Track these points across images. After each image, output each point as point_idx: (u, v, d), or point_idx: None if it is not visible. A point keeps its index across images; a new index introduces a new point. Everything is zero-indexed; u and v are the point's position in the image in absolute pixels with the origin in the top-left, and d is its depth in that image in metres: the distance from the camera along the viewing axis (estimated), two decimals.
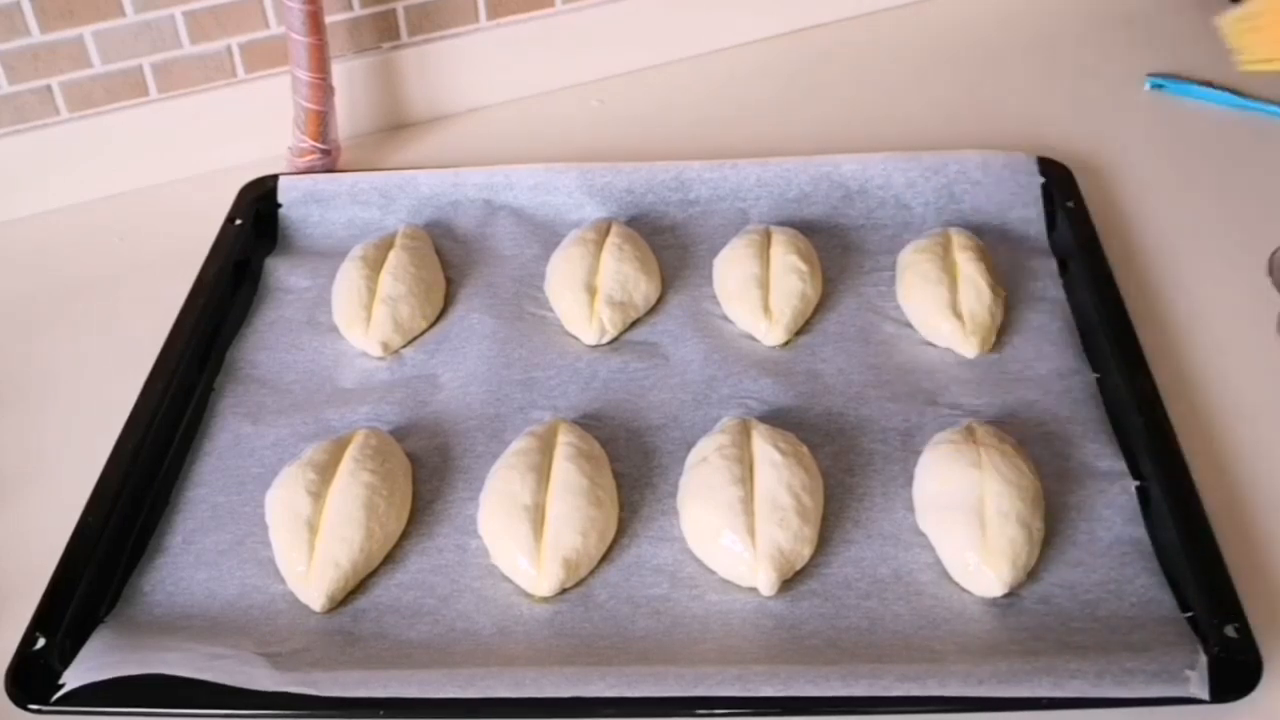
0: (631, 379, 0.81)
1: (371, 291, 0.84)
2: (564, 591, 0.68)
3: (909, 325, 0.83)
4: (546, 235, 0.91)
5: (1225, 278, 0.87)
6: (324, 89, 0.96)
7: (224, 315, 0.86)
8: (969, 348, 0.80)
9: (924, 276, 0.83)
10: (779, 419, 0.76)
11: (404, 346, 0.84)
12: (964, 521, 0.67)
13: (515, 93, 1.09)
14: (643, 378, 0.81)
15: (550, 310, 0.86)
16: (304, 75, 0.95)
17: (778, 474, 0.69)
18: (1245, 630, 0.62)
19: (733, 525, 0.68)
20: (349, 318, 0.84)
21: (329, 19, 0.97)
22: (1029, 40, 1.13)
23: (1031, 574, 0.67)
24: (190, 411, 0.80)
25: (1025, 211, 0.91)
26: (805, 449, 0.72)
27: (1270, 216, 0.91)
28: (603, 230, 0.88)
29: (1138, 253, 0.89)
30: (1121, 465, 0.73)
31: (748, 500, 0.69)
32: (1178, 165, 0.98)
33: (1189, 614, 0.64)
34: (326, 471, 0.71)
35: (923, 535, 0.70)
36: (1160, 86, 1.05)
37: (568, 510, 0.69)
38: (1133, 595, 0.66)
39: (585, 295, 0.84)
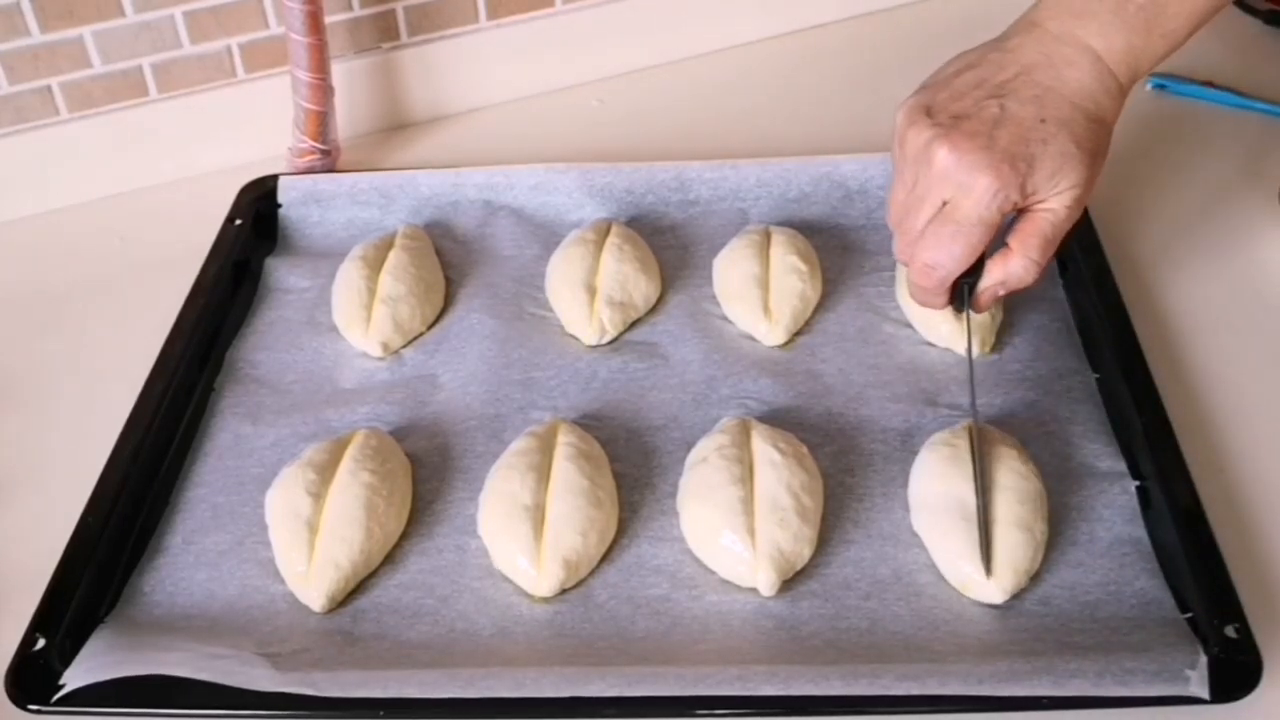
0: (631, 379, 0.81)
1: (371, 292, 0.84)
2: (564, 592, 0.68)
3: (909, 325, 0.83)
4: (546, 235, 0.91)
5: (1225, 278, 0.87)
6: (324, 89, 0.96)
7: (224, 315, 0.86)
8: None
9: None
10: (779, 419, 0.76)
11: (404, 347, 0.84)
12: (961, 528, 0.67)
13: (515, 93, 1.09)
14: (643, 378, 0.81)
15: (550, 310, 0.86)
16: (304, 75, 0.95)
17: (778, 474, 0.69)
18: (1245, 630, 0.62)
19: (733, 525, 0.68)
20: (349, 318, 0.84)
21: (329, 19, 0.97)
22: None
23: (1031, 575, 0.67)
24: (190, 411, 0.80)
25: None
26: (805, 449, 0.72)
27: (1272, 216, 0.91)
28: (603, 230, 0.88)
29: (1138, 252, 0.89)
30: (1121, 465, 0.73)
31: (748, 500, 0.68)
32: (1179, 165, 0.98)
33: (1189, 614, 0.64)
34: (326, 472, 0.71)
35: (920, 536, 0.70)
36: (1162, 86, 1.05)
37: (568, 510, 0.69)
38: (1133, 596, 0.66)
39: (585, 295, 0.84)
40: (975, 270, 0.71)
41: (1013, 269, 0.70)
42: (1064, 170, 0.67)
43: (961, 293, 0.73)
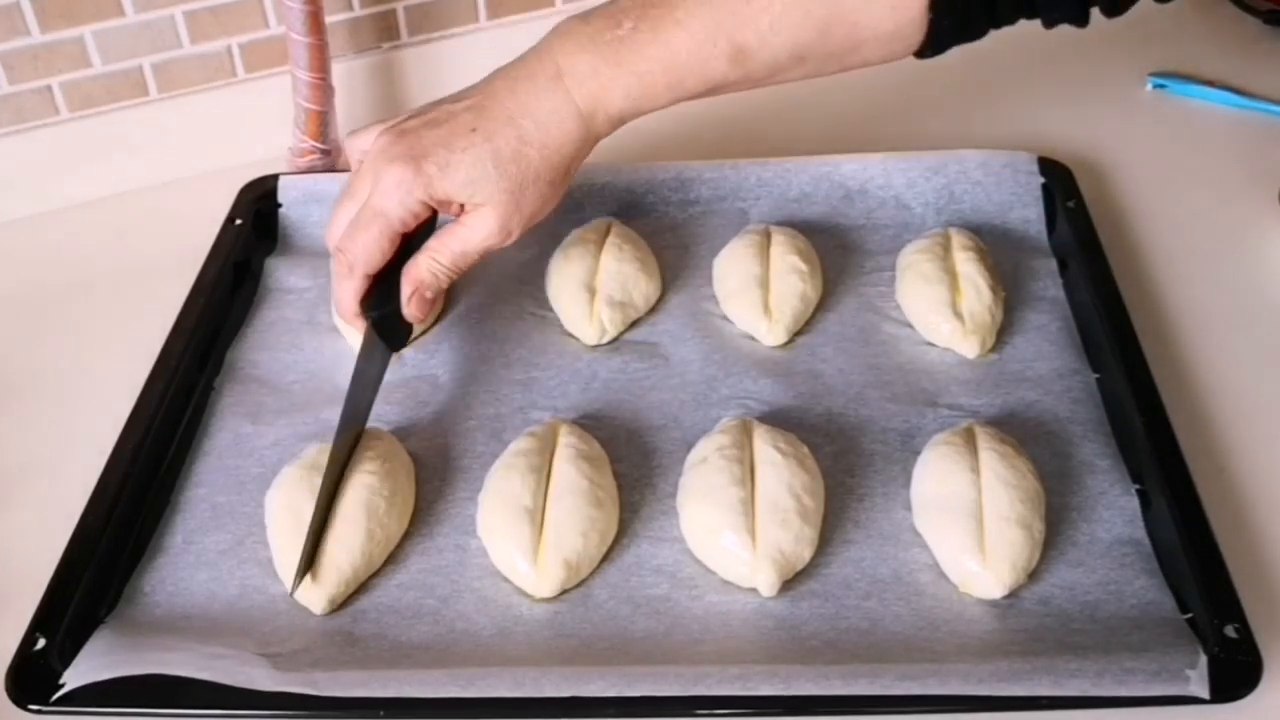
0: (631, 379, 0.81)
1: None
2: (564, 592, 0.68)
3: (909, 325, 0.83)
4: (546, 235, 0.91)
5: (1225, 278, 0.87)
6: (324, 89, 0.96)
7: (224, 315, 0.86)
8: (969, 348, 0.80)
9: (924, 276, 0.83)
10: (779, 419, 0.76)
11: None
12: (962, 524, 0.67)
13: None
14: (643, 378, 0.81)
15: (550, 310, 0.86)
16: (304, 75, 0.95)
17: (778, 475, 0.69)
18: (1245, 630, 0.62)
19: (733, 526, 0.68)
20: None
21: (329, 19, 0.97)
22: (1030, 39, 1.13)
23: (1031, 575, 0.67)
24: (190, 411, 0.80)
25: (1025, 211, 0.91)
26: (806, 449, 0.72)
27: (1272, 216, 0.91)
28: (603, 230, 0.88)
29: (1138, 253, 0.89)
30: (1121, 466, 0.73)
31: (748, 501, 0.68)
32: (1179, 165, 0.98)
33: (1189, 614, 0.64)
34: None
35: (922, 535, 0.70)
36: (1162, 86, 1.05)
37: (568, 511, 0.69)
38: (1133, 596, 0.66)
39: (585, 295, 0.83)
40: (386, 303, 0.72)
41: (421, 271, 0.71)
42: (478, 185, 0.68)
43: (377, 323, 0.74)
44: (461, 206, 0.70)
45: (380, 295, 0.73)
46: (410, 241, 0.72)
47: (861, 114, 1.05)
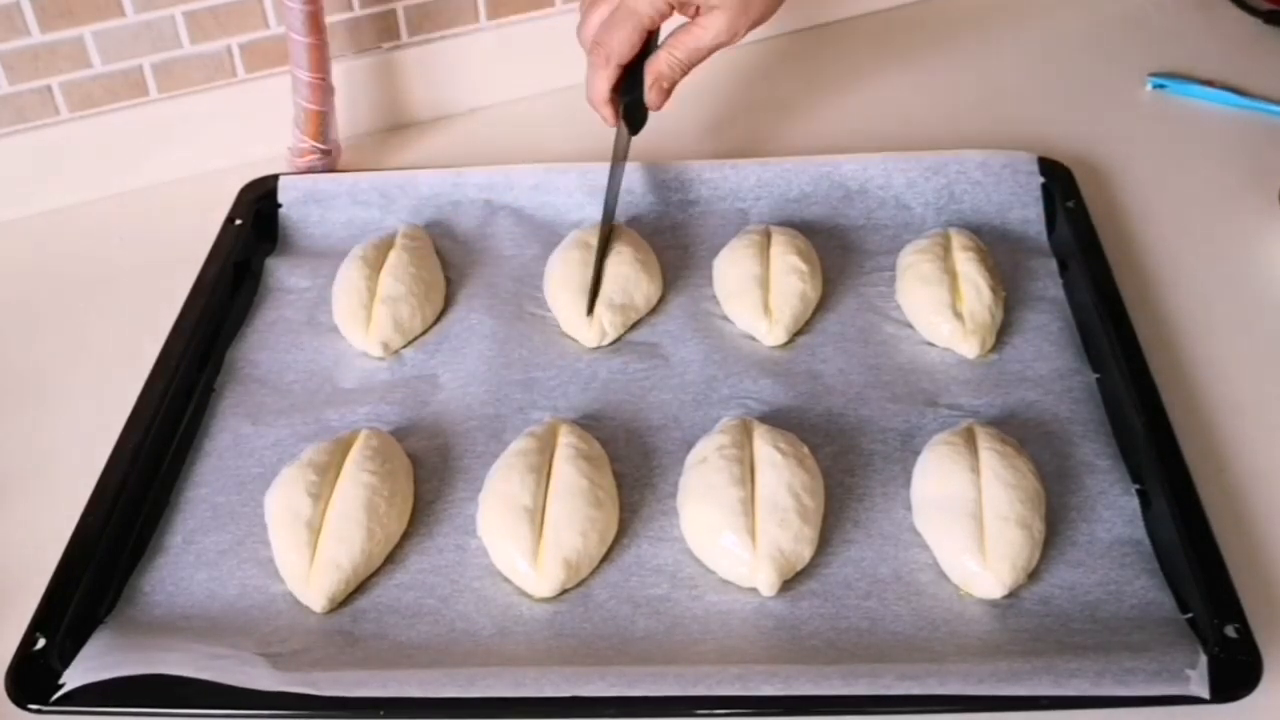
0: (631, 379, 0.81)
1: (371, 291, 0.84)
2: (564, 592, 0.68)
3: (909, 325, 0.83)
4: (546, 235, 0.91)
5: (1226, 278, 0.87)
6: (324, 89, 0.96)
7: (224, 315, 0.86)
8: (969, 348, 0.80)
9: (924, 277, 0.83)
10: (779, 419, 0.76)
11: (404, 346, 0.84)
12: (962, 524, 0.67)
13: (515, 93, 1.09)
14: (643, 378, 0.81)
15: (550, 310, 0.86)
16: (304, 75, 0.95)
17: (778, 475, 0.69)
18: (1245, 630, 0.62)
19: (733, 526, 0.68)
20: (349, 318, 0.84)
21: (329, 19, 0.97)
22: (1030, 39, 1.13)
23: (1031, 575, 0.67)
24: (190, 411, 0.80)
25: (1025, 211, 0.91)
26: (806, 449, 0.72)
27: (1272, 216, 0.91)
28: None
29: (1138, 253, 0.89)
30: (1121, 466, 0.73)
31: (748, 501, 0.68)
32: (1179, 165, 0.98)
33: (1189, 614, 0.64)
34: (327, 472, 0.71)
35: (922, 535, 0.70)
36: (1162, 86, 1.05)
37: (568, 511, 0.69)
38: (1133, 596, 0.66)
39: (585, 297, 0.83)
40: (631, 91, 0.84)
41: (660, 64, 0.82)
42: None
43: (627, 111, 0.85)
44: (697, 9, 0.81)
45: (625, 85, 0.84)
46: (649, 41, 0.83)
47: (862, 114, 1.06)
